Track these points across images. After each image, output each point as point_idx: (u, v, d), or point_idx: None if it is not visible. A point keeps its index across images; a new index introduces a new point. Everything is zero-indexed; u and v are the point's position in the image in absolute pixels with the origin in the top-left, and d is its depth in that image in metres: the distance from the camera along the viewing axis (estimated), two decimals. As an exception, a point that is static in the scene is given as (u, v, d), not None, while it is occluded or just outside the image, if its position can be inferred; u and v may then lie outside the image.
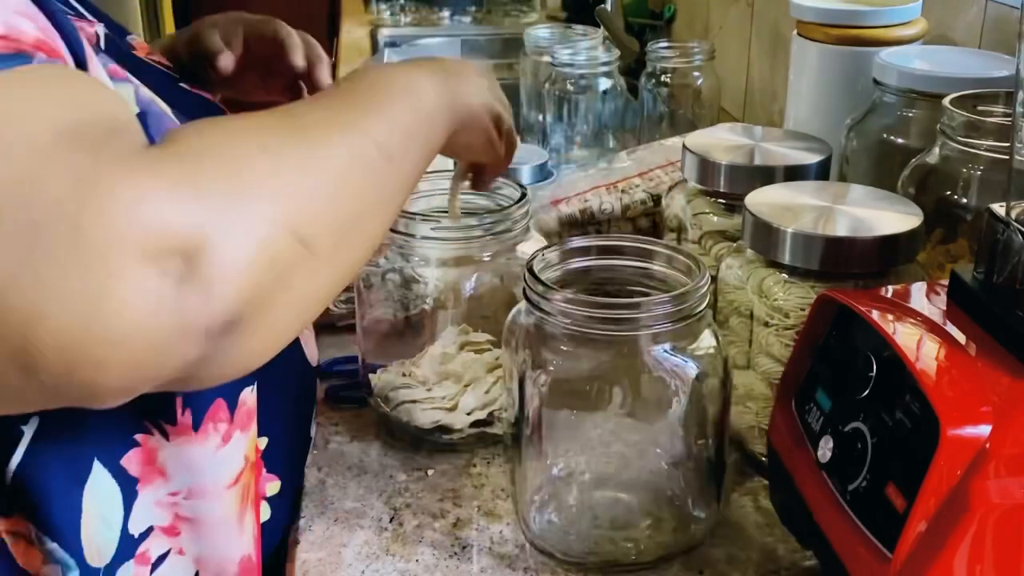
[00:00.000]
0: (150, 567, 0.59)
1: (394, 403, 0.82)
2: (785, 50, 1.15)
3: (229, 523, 0.61)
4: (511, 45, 2.08)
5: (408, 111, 0.59)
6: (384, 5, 2.34)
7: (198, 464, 0.59)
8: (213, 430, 0.59)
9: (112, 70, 0.55)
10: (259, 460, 0.65)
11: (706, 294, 0.66)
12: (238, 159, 0.46)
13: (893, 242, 0.69)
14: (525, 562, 0.69)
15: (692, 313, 0.65)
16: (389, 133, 0.56)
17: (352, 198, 0.52)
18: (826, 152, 0.86)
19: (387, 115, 0.57)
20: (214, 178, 0.44)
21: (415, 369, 0.84)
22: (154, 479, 0.58)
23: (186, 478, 0.59)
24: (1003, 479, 0.49)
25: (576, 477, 0.75)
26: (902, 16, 0.99)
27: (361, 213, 0.52)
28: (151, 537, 0.59)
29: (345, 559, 0.70)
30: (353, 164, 0.52)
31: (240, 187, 0.45)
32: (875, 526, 0.55)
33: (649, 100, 1.42)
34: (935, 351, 0.56)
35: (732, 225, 0.86)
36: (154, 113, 0.56)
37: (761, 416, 0.75)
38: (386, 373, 0.85)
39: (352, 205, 0.51)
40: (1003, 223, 0.57)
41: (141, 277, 0.40)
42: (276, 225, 0.45)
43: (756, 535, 0.71)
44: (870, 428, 0.57)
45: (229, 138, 0.48)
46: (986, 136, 0.75)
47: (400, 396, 0.82)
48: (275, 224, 0.45)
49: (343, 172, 0.51)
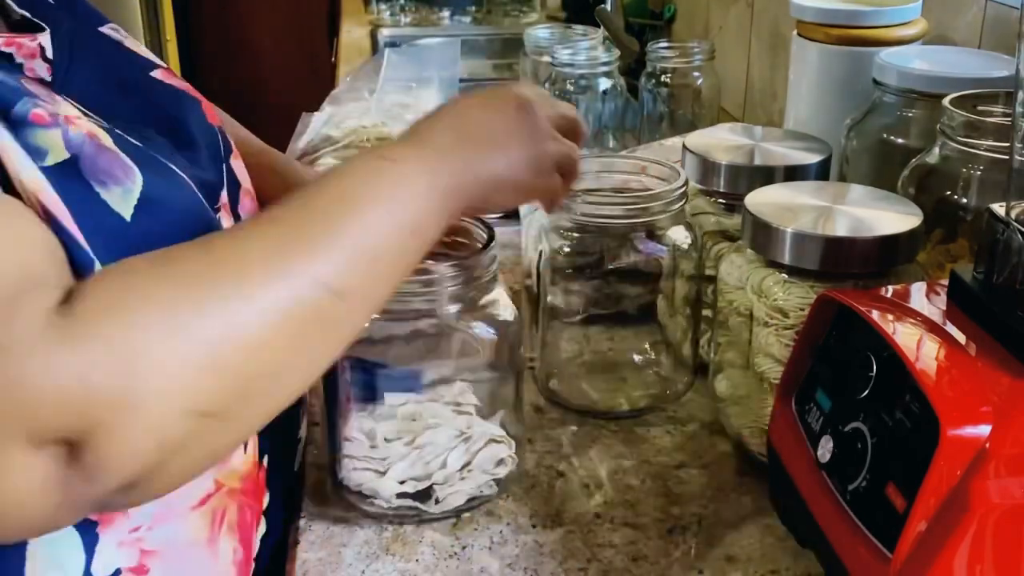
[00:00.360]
0: None
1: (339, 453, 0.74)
2: (785, 50, 1.15)
3: (199, 547, 0.60)
4: (511, 45, 2.08)
5: (375, 228, 0.53)
6: (384, 5, 2.34)
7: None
8: None
9: (36, 116, 0.51)
10: (246, 487, 0.63)
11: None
12: (139, 328, 0.44)
13: (893, 242, 0.69)
14: (525, 562, 0.69)
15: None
16: (345, 266, 0.51)
17: (278, 352, 0.48)
18: (826, 152, 0.86)
19: (347, 241, 0.52)
20: (109, 360, 0.43)
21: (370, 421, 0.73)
22: (114, 518, 0.56)
23: (146, 506, 0.56)
24: (1003, 479, 0.49)
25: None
26: (902, 16, 0.99)
27: (290, 363, 0.49)
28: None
29: (345, 559, 0.70)
30: (286, 316, 0.48)
31: (135, 369, 0.43)
32: (875, 526, 0.55)
33: (649, 100, 1.42)
34: (935, 351, 0.56)
35: (732, 225, 0.86)
36: (87, 155, 0.52)
37: (761, 416, 0.75)
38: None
39: (271, 359, 0.48)
40: (1003, 223, 0.57)
41: (26, 459, 0.41)
42: (172, 408, 0.44)
43: (756, 535, 0.71)
44: (870, 428, 0.57)
45: (139, 301, 0.46)
46: (986, 136, 0.75)
47: (346, 448, 0.73)
48: (171, 407, 0.44)
49: (268, 327, 0.48)
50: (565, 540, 0.71)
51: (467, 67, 2.17)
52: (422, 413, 0.73)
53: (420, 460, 0.72)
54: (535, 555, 0.70)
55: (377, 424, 0.73)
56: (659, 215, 0.81)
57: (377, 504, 0.72)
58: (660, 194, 0.80)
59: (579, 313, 0.89)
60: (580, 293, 0.88)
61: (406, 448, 0.72)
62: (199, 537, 0.60)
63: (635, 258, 0.83)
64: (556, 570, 0.69)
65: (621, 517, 0.73)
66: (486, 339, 0.72)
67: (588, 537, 0.71)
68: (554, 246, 0.84)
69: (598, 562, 0.69)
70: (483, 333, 0.72)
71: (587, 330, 0.90)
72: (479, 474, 0.73)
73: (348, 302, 0.51)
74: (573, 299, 0.88)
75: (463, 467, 0.72)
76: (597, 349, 0.90)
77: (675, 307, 0.86)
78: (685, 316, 0.86)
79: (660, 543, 0.71)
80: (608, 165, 0.88)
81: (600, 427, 0.84)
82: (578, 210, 0.81)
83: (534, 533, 0.72)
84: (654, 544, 0.71)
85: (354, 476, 0.72)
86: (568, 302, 0.88)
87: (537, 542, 0.71)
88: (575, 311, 0.88)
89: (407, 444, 0.72)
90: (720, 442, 0.82)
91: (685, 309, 0.85)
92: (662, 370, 0.89)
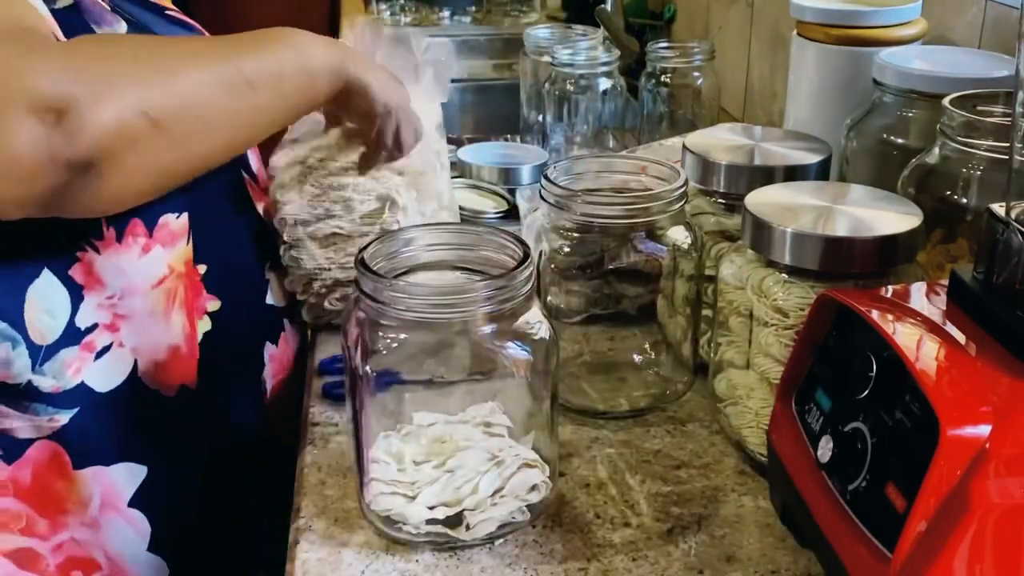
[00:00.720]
0: (94, 354, 0.77)
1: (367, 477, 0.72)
2: (785, 50, 1.15)
3: (156, 316, 0.80)
4: (511, 45, 2.08)
5: (285, 60, 0.74)
6: (384, 5, 2.34)
7: (125, 268, 0.77)
8: (133, 242, 0.78)
9: None
10: (193, 278, 0.83)
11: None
12: (113, 58, 0.66)
13: (893, 242, 0.69)
14: (525, 562, 0.69)
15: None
16: (257, 67, 0.72)
17: (205, 102, 0.69)
18: (826, 152, 0.86)
19: (261, 55, 0.73)
20: (91, 67, 0.63)
21: (401, 443, 0.73)
22: (95, 286, 0.76)
23: (118, 281, 0.77)
24: (1003, 479, 0.49)
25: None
26: (902, 16, 0.99)
27: (212, 116, 0.70)
28: (96, 331, 0.77)
29: (345, 559, 0.70)
30: (213, 79, 0.69)
31: (109, 76, 0.64)
32: (875, 526, 0.55)
33: (649, 100, 1.42)
34: (935, 351, 0.56)
35: (732, 225, 0.86)
36: (86, 5, 0.76)
37: (761, 416, 0.75)
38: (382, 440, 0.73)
39: (204, 107, 0.69)
40: (1003, 223, 0.57)
41: (25, 121, 0.59)
42: (130, 105, 0.64)
43: (756, 535, 0.71)
44: (870, 428, 0.57)
45: (113, 46, 0.70)
46: (986, 136, 0.75)
47: (373, 471, 0.71)
48: (130, 104, 0.64)
49: (201, 81, 0.69)
50: (565, 540, 0.71)
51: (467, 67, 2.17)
52: (452, 435, 0.72)
53: (451, 485, 0.69)
54: (535, 555, 0.70)
55: (405, 446, 0.72)
56: (659, 215, 0.81)
57: (406, 531, 0.69)
58: (660, 194, 0.80)
59: (579, 313, 0.89)
60: (580, 293, 0.88)
61: (436, 471, 0.70)
62: (157, 309, 0.80)
63: (635, 258, 0.83)
64: (556, 570, 0.69)
65: (621, 517, 0.73)
66: (520, 359, 0.69)
67: (588, 537, 0.71)
68: (554, 246, 0.84)
69: (598, 562, 0.69)
70: (517, 352, 0.69)
71: (587, 330, 0.90)
72: (511, 500, 0.70)
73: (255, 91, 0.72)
74: (573, 299, 0.88)
75: (495, 492, 0.70)
76: (597, 349, 0.90)
77: (675, 307, 0.86)
78: (685, 316, 0.86)
79: (660, 543, 0.71)
80: (608, 165, 0.88)
81: (600, 427, 0.84)
82: (578, 210, 0.81)
83: (534, 533, 0.72)
84: (654, 544, 0.71)
85: (382, 501, 0.70)
86: (568, 302, 0.88)
87: (537, 542, 0.71)
88: (575, 311, 0.88)
89: (436, 467, 0.70)
90: (720, 442, 0.82)
91: (685, 309, 0.85)
92: (662, 370, 0.89)
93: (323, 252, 0.92)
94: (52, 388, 0.76)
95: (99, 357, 0.78)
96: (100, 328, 0.77)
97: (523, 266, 0.67)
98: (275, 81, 0.74)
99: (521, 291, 0.67)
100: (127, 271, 0.78)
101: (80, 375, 0.77)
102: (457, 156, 1.27)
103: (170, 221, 0.80)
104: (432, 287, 0.69)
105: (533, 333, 0.70)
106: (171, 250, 0.81)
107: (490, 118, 1.95)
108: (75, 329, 0.76)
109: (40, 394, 0.76)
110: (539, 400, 0.72)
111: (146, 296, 0.79)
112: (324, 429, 0.84)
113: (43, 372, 0.76)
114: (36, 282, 0.74)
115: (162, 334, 0.81)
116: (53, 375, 0.76)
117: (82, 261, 0.76)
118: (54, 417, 0.77)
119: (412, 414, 0.73)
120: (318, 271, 0.93)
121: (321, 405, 0.87)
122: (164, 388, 0.82)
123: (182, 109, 0.68)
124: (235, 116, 0.73)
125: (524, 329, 0.69)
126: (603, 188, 0.86)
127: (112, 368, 0.79)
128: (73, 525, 0.79)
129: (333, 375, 0.91)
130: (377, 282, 0.66)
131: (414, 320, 0.66)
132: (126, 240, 0.77)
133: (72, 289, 0.76)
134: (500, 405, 0.73)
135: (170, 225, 0.80)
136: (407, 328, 0.68)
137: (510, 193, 1.23)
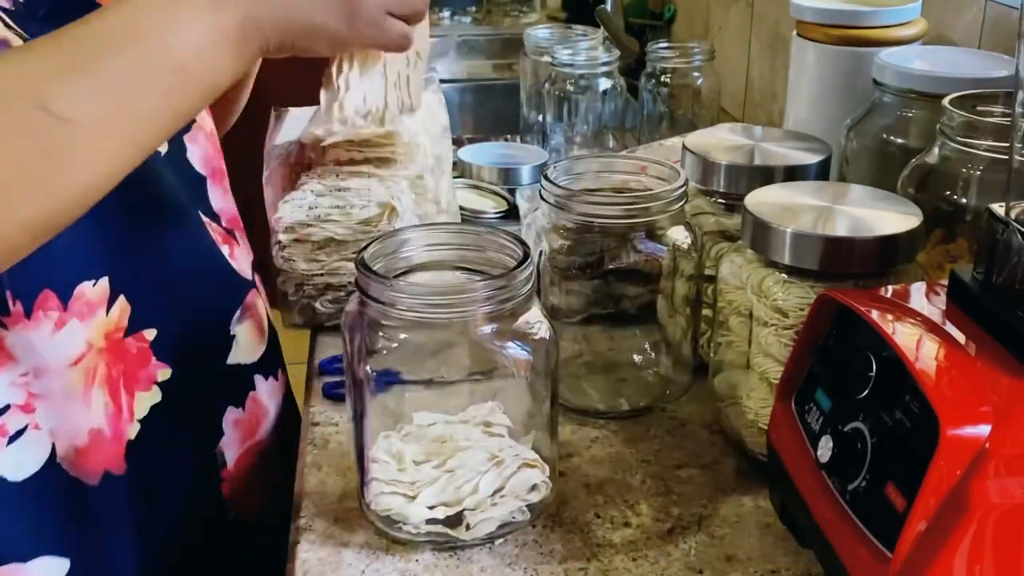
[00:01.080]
0: (7, 438, 0.68)
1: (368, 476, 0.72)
2: (785, 50, 1.15)
3: (74, 398, 0.70)
4: (511, 45, 2.08)
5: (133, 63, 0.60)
6: (384, 5, 2.34)
7: (37, 347, 0.68)
8: (44, 317, 0.68)
9: None
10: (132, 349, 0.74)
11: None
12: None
13: (893, 242, 0.69)
14: (525, 562, 0.69)
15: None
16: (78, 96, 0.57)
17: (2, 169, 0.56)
18: (826, 152, 0.86)
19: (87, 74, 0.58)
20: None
21: (401, 444, 0.72)
22: (6, 363, 0.67)
23: (30, 359, 0.68)
24: (1003, 479, 0.49)
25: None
26: (902, 16, 0.99)
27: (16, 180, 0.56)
28: (8, 413, 0.68)
29: (345, 559, 0.70)
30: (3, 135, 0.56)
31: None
32: (875, 526, 0.55)
33: (649, 100, 1.42)
34: (935, 351, 0.56)
35: (732, 225, 0.86)
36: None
37: (761, 416, 0.75)
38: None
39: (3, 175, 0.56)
40: (1003, 223, 0.57)
41: None
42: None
43: (756, 535, 0.71)
44: (870, 428, 0.57)
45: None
46: (985, 136, 0.75)
47: (373, 471, 0.71)
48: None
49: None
50: (565, 540, 0.71)
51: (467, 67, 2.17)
52: (452, 435, 0.71)
53: (451, 484, 0.69)
54: (535, 555, 0.70)
55: (405, 446, 0.71)
56: (659, 215, 0.81)
57: (406, 530, 0.69)
58: (660, 194, 0.80)
59: (579, 313, 0.89)
60: (580, 293, 0.88)
61: (436, 471, 0.70)
62: (75, 390, 0.70)
63: (635, 258, 0.83)
64: (556, 570, 0.69)
65: (621, 517, 0.73)
66: (520, 358, 0.69)
67: (588, 537, 0.71)
68: (554, 246, 0.84)
69: (598, 562, 0.69)
70: (517, 352, 0.69)
71: (587, 330, 0.90)
72: (512, 500, 0.70)
73: (80, 129, 0.57)
74: (573, 299, 0.88)
75: (495, 492, 0.70)
76: (597, 349, 0.90)
77: (675, 307, 0.86)
78: (685, 316, 0.86)
79: (660, 543, 0.71)
80: (608, 165, 0.88)
81: (600, 427, 0.84)
82: (578, 210, 0.81)
83: (534, 533, 0.72)
84: (654, 544, 0.71)
85: (382, 501, 0.70)
86: (568, 302, 0.88)
87: (537, 542, 0.71)
88: (575, 311, 0.88)
89: (436, 467, 0.70)
90: (720, 442, 0.82)
91: (685, 309, 0.85)
92: (662, 370, 0.89)
93: (317, 255, 0.92)
94: None
95: (12, 441, 0.69)
96: (13, 409, 0.68)
97: (523, 266, 0.67)
98: (109, 103, 0.59)
99: (521, 291, 0.67)
100: (39, 349, 0.68)
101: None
102: (457, 156, 1.27)
103: (86, 291, 0.70)
104: (432, 287, 0.69)
105: (533, 333, 0.70)
106: (88, 324, 0.71)
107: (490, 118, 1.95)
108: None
109: None
110: (539, 400, 0.72)
111: (62, 375, 0.69)
112: (324, 429, 0.84)
113: None
114: None
115: (81, 417, 0.71)
116: None
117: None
118: None
119: (412, 414, 0.72)
120: (311, 274, 0.93)
121: (321, 405, 0.87)
122: (85, 475, 0.72)
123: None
124: (39, 168, 0.57)
125: (524, 329, 0.69)
126: (603, 188, 0.86)
127: (27, 453, 0.69)
128: None
129: (333, 375, 0.91)
130: (377, 282, 0.66)
131: (414, 320, 0.66)
132: (36, 315, 0.67)
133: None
134: (500, 405, 0.73)
135: (86, 295, 0.70)
136: (407, 328, 0.68)
137: (510, 193, 1.23)
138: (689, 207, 0.85)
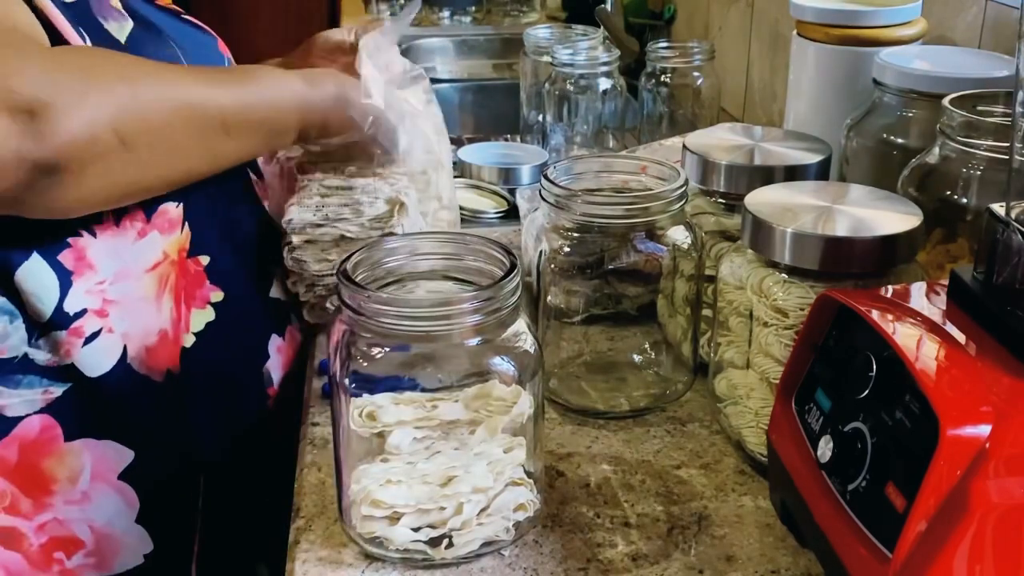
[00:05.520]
0: (83, 340, 0.78)
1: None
2: (785, 50, 1.15)
3: (148, 301, 0.81)
4: (511, 45, 2.08)
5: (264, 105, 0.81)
6: (384, 5, 2.34)
7: (120, 252, 0.79)
8: (130, 226, 0.80)
9: None
10: (194, 268, 0.85)
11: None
12: (95, 70, 0.71)
13: (893, 242, 0.69)
14: (525, 562, 0.69)
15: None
16: (235, 112, 0.79)
17: (177, 134, 0.74)
18: (826, 152, 0.86)
19: (242, 99, 0.79)
20: (71, 76, 0.68)
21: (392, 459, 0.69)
22: (84, 272, 0.78)
23: (112, 265, 0.79)
24: (1003, 479, 0.49)
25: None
26: (902, 16, 0.99)
27: (179, 147, 0.75)
28: (85, 317, 0.78)
29: (345, 559, 0.70)
30: (190, 114, 0.75)
31: (86, 88, 0.68)
32: (875, 526, 0.55)
33: (649, 100, 1.42)
34: (935, 351, 0.56)
35: (732, 225, 0.86)
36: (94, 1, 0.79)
37: (761, 416, 0.75)
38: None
39: (174, 138, 0.74)
40: (1003, 223, 0.57)
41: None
42: (103, 119, 0.68)
43: (756, 535, 0.71)
44: (870, 428, 0.57)
45: (98, 59, 0.74)
46: (986, 136, 0.75)
47: (351, 494, 0.69)
48: (103, 118, 0.68)
49: (177, 114, 0.74)
50: (565, 540, 0.71)
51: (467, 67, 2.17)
52: (436, 452, 0.69)
53: (435, 506, 0.67)
54: (535, 555, 0.70)
55: (387, 465, 0.68)
56: (659, 215, 0.81)
57: (391, 550, 0.67)
58: (660, 194, 0.80)
59: (579, 313, 0.89)
60: (580, 293, 0.88)
61: (420, 490, 0.67)
62: (148, 294, 0.82)
63: (635, 258, 0.83)
64: (556, 570, 0.69)
65: (621, 517, 0.73)
66: (506, 373, 0.68)
67: (588, 537, 0.71)
68: (554, 246, 0.84)
69: (598, 562, 0.69)
70: (501, 366, 0.68)
71: (587, 330, 0.90)
72: (498, 519, 0.68)
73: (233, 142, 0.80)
74: (573, 299, 0.88)
75: (481, 511, 0.68)
76: (597, 349, 0.90)
77: (675, 307, 0.86)
78: (685, 316, 0.86)
79: (660, 543, 0.71)
80: (608, 165, 0.88)
81: (600, 427, 0.84)
82: (578, 210, 0.81)
83: (534, 533, 0.72)
84: (654, 544, 0.71)
85: (365, 525, 0.67)
86: (568, 302, 0.88)
87: (537, 542, 0.71)
88: (575, 311, 0.88)
89: (421, 485, 0.68)
90: (720, 442, 0.82)
91: (685, 309, 0.85)
92: (662, 370, 0.89)
93: (328, 255, 0.92)
94: (47, 362, 0.78)
95: (87, 343, 0.78)
96: (89, 313, 0.78)
97: (509, 278, 0.66)
98: (249, 127, 0.80)
99: (507, 303, 0.66)
100: (121, 254, 0.79)
101: (71, 358, 0.78)
102: (457, 156, 1.27)
103: (169, 209, 0.82)
104: (414, 299, 0.67)
105: (518, 346, 0.68)
106: (167, 237, 0.82)
107: (490, 118, 1.95)
108: (64, 314, 0.77)
109: (36, 367, 0.77)
110: (524, 415, 0.70)
111: (139, 280, 0.81)
112: (324, 429, 0.84)
113: (39, 346, 0.77)
114: (26, 264, 0.76)
115: (152, 318, 0.82)
116: (49, 349, 0.77)
117: (73, 247, 0.77)
118: (48, 389, 0.78)
119: (394, 430, 0.68)
120: (322, 274, 0.92)
121: (321, 405, 0.87)
122: (153, 373, 0.82)
123: (152, 135, 0.72)
124: (202, 151, 0.78)
125: (510, 342, 0.68)
126: (603, 188, 0.86)
127: (102, 353, 0.79)
128: (58, 504, 0.79)
129: (333, 375, 0.91)
130: (357, 293, 0.64)
131: (396, 334, 0.65)
132: (123, 224, 0.79)
133: (61, 274, 0.77)
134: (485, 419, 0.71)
135: (169, 213, 0.82)
136: (389, 340, 0.66)
137: (510, 193, 1.23)
138: (689, 207, 0.85)
